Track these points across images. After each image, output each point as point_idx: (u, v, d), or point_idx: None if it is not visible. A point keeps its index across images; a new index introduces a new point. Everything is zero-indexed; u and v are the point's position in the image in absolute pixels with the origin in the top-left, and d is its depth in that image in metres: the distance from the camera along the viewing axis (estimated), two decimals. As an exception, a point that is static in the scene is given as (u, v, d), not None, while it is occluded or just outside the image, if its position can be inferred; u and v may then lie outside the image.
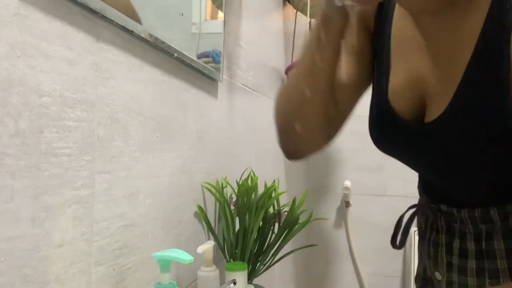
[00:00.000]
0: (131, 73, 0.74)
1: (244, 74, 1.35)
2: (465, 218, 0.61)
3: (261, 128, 1.53)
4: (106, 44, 0.68)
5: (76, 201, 0.62)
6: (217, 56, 1.09)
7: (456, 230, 0.63)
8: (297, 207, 1.06)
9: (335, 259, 2.28)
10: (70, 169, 0.60)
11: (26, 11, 0.53)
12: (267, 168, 1.60)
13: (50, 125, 0.56)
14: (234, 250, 1.02)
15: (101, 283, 0.67)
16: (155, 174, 0.82)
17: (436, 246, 0.66)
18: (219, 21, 1.13)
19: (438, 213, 0.66)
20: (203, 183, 1.03)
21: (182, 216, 0.94)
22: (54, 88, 0.57)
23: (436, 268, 0.66)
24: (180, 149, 0.92)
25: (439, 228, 0.66)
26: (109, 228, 0.69)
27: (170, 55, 0.86)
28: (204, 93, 1.05)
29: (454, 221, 0.63)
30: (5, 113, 0.50)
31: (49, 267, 0.57)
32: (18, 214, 0.52)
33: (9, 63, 0.50)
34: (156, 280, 0.71)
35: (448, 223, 0.65)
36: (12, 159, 0.51)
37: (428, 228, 0.69)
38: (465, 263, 0.62)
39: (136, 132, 0.76)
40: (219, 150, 1.14)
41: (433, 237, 0.67)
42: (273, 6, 1.70)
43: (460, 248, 0.63)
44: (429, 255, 0.68)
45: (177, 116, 0.91)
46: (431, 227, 0.68)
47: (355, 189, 2.27)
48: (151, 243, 0.81)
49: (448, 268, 0.64)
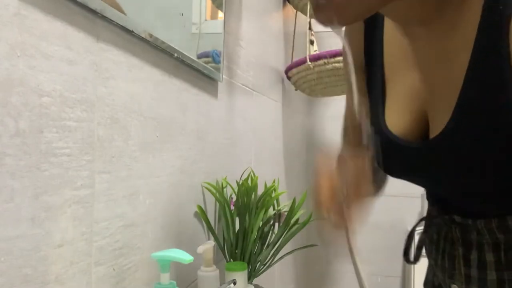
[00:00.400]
0: (131, 73, 0.74)
1: (244, 74, 1.35)
2: (481, 228, 0.59)
3: (261, 128, 1.53)
4: (106, 44, 0.68)
5: (76, 201, 0.62)
6: (217, 56, 1.09)
7: (473, 241, 0.61)
8: (297, 207, 1.06)
9: (335, 259, 2.28)
10: (70, 169, 0.60)
11: (26, 11, 0.53)
12: (267, 168, 1.60)
13: (50, 125, 0.56)
14: (234, 250, 1.02)
15: (101, 283, 0.67)
16: (155, 174, 0.82)
17: (452, 258, 0.64)
18: (219, 21, 1.13)
19: (452, 224, 0.63)
20: (203, 183, 1.03)
21: (182, 216, 0.94)
22: (54, 88, 0.57)
23: (453, 281, 0.64)
24: (180, 149, 0.92)
25: (454, 240, 0.63)
26: (109, 228, 0.69)
27: (170, 55, 0.86)
28: (204, 93, 1.05)
29: (470, 232, 0.61)
30: (5, 113, 0.50)
31: (49, 267, 0.57)
32: (18, 214, 0.52)
33: (9, 63, 0.50)
34: (156, 280, 0.71)
35: (463, 234, 0.62)
36: (12, 159, 0.51)
37: (442, 240, 0.66)
38: (485, 275, 0.59)
39: (136, 132, 0.76)
40: (219, 150, 1.14)
41: (448, 249, 0.64)
42: (273, 6, 1.70)
43: (478, 260, 0.60)
44: (444, 267, 0.65)
45: (177, 116, 0.91)
46: (445, 238, 0.65)
47: (355, 189, 2.27)
48: (151, 243, 0.81)
49: (466, 280, 0.62)
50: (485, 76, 0.48)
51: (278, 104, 1.78)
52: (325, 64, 1.61)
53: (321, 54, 1.62)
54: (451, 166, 0.55)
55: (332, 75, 1.65)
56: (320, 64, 1.62)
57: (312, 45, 2.00)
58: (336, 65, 1.60)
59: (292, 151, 2.05)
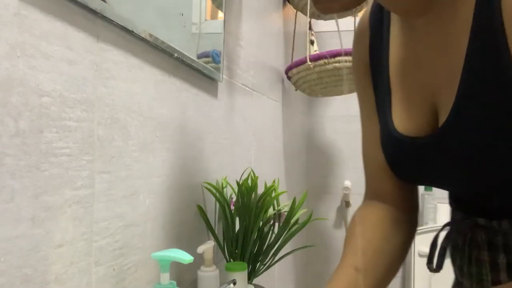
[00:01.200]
0: (131, 73, 0.74)
1: (244, 74, 1.35)
2: (507, 229, 0.57)
3: (261, 128, 1.53)
4: (106, 44, 0.68)
5: (76, 201, 0.62)
6: (217, 56, 1.09)
7: (499, 244, 0.59)
8: (297, 207, 1.06)
9: (335, 259, 2.28)
10: (70, 169, 0.60)
11: (26, 11, 0.53)
12: (267, 168, 1.60)
13: (50, 125, 0.56)
14: (234, 250, 1.02)
15: (101, 283, 0.67)
16: (155, 174, 0.82)
17: (479, 264, 0.61)
18: (219, 21, 1.13)
19: (476, 228, 0.61)
20: (203, 183, 1.03)
21: (182, 216, 0.94)
22: (54, 88, 0.57)
23: None
24: (180, 149, 0.92)
25: (480, 244, 0.61)
26: (109, 228, 0.69)
27: (170, 55, 0.86)
28: (204, 93, 1.05)
29: (495, 234, 0.59)
30: (5, 113, 0.50)
31: (49, 267, 0.57)
32: (18, 214, 0.52)
33: (9, 63, 0.50)
34: (156, 280, 0.71)
35: (489, 238, 0.60)
36: (12, 159, 0.51)
37: (467, 245, 0.63)
38: None
39: (136, 132, 0.76)
40: (219, 150, 1.14)
41: (475, 255, 0.62)
42: (273, 6, 1.70)
43: (507, 264, 0.58)
44: (471, 274, 0.63)
45: (177, 116, 0.91)
46: (470, 244, 0.63)
47: (355, 189, 2.27)
48: (151, 243, 0.81)
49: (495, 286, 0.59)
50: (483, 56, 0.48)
51: (278, 104, 1.78)
52: (325, 64, 1.61)
53: (321, 54, 1.62)
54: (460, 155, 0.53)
55: (332, 75, 1.65)
56: (320, 64, 1.62)
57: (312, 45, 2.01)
58: (336, 65, 1.60)
59: (292, 151, 2.05)
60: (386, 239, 0.67)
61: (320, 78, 1.67)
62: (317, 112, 2.40)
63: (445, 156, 0.55)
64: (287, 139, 1.92)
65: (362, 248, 0.65)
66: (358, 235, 0.67)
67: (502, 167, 0.51)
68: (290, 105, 1.97)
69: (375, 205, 0.70)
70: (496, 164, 0.51)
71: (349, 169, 2.31)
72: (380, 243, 0.66)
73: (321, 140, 2.39)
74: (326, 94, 1.83)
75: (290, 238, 1.06)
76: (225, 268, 0.95)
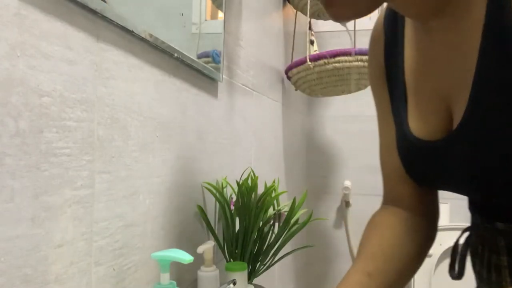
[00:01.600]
0: (131, 73, 0.74)
1: (244, 74, 1.35)
2: None
3: (261, 128, 1.53)
4: (106, 44, 0.68)
5: (76, 201, 0.62)
6: (217, 56, 1.09)
7: None
8: (297, 207, 1.06)
9: (335, 259, 2.28)
10: (70, 169, 0.60)
11: (26, 11, 0.53)
12: (267, 168, 1.60)
13: (50, 125, 0.56)
14: (234, 250, 1.02)
15: (101, 283, 0.67)
16: (155, 174, 0.82)
17: (498, 270, 0.60)
18: (219, 21, 1.13)
19: (495, 233, 0.60)
20: (203, 183, 1.03)
21: (182, 216, 0.94)
22: (54, 88, 0.57)
23: None
24: (180, 149, 0.92)
25: (500, 249, 0.59)
26: (109, 228, 0.69)
27: (170, 55, 0.86)
28: (204, 93, 1.05)
29: None
30: (5, 113, 0.50)
31: (49, 267, 0.57)
32: (18, 214, 0.52)
33: (9, 63, 0.50)
34: (156, 280, 0.71)
35: (508, 243, 0.58)
36: (12, 159, 0.51)
37: (486, 251, 0.62)
38: None
39: (136, 132, 0.76)
40: (219, 150, 1.14)
41: (494, 260, 0.61)
42: (273, 6, 1.70)
43: None
44: (490, 280, 0.62)
45: (177, 116, 0.91)
46: (490, 249, 0.62)
47: (355, 189, 2.27)
48: (151, 243, 0.81)
49: None
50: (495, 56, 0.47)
51: (278, 104, 1.78)
52: (325, 64, 1.61)
53: (321, 54, 1.62)
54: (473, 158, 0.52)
55: (332, 75, 1.65)
56: (320, 64, 1.62)
57: (312, 45, 2.01)
58: (336, 65, 1.60)
59: (292, 151, 2.05)
60: (399, 245, 0.66)
61: (320, 78, 1.67)
62: (317, 112, 2.40)
63: (459, 159, 0.54)
64: (287, 139, 1.92)
65: (373, 253, 0.65)
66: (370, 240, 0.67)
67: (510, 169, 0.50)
68: (290, 105, 1.97)
69: (390, 210, 0.70)
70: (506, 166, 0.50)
71: (349, 169, 2.31)
72: (392, 248, 0.65)
73: (321, 140, 2.39)
74: (326, 94, 1.83)
75: (290, 238, 1.06)
76: (225, 268, 0.95)
